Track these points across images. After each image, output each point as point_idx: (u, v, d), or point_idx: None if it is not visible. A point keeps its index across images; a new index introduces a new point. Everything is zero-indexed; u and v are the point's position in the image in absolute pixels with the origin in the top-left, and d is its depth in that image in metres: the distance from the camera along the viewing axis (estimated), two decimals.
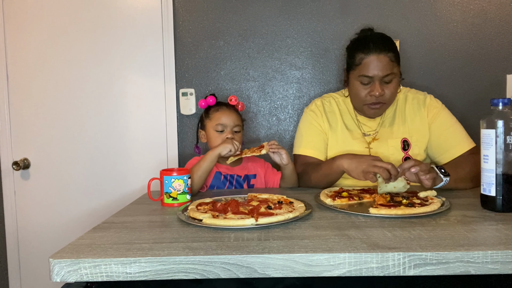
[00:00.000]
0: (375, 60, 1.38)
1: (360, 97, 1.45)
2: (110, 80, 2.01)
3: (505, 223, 0.92)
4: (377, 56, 1.38)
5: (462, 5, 1.97)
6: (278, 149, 1.42)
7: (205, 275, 0.75)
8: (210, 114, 1.58)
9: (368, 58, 1.39)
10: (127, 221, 1.03)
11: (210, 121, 1.56)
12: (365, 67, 1.40)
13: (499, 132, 1.00)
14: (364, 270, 0.74)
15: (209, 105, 1.60)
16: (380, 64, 1.38)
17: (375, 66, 1.38)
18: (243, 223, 0.93)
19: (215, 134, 1.54)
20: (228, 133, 1.52)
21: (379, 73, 1.39)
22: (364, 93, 1.44)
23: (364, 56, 1.40)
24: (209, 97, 1.60)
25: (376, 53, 1.39)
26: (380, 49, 1.39)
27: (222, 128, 1.53)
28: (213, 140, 1.54)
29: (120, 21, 2.00)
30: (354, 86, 1.47)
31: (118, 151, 2.03)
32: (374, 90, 1.40)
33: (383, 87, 1.41)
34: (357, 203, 1.15)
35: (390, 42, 1.44)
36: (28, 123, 2.02)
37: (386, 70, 1.39)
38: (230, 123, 1.53)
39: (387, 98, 1.44)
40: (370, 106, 1.45)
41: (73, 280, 0.75)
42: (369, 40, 1.43)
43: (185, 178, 1.21)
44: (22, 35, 2.00)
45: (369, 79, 1.41)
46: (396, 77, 1.43)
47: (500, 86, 1.97)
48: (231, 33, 2.01)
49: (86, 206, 2.03)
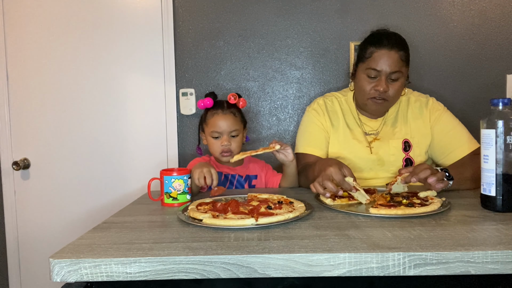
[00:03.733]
0: (385, 55, 1.39)
1: (365, 90, 1.45)
2: (110, 80, 2.01)
3: (505, 223, 0.92)
4: (388, 52, 1.39)
5: (462, 5, 1.97)
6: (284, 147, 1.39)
7: (205, 275, 0.75)
8: (207, 119, 1.54)
9: (379, 52, 1.40)
10: (127, 221, 1.03)
11: (207, 126, 1.54)
12: (374, 60, 1.41)
13: (499, 132, 1.00)
14: (364, 270, 0.74)
15: (207, 107, 1.55)
16: (390, 60, 1.39)
17: (384, 61, 1.39)
18: (243, 223, 0.93)
19: (211, 140, 1.52)
20: (224, 140, 1.49)
21: (387, 69, 1.39)
22: (369, 87, 1.44)
23: (375, 49, 1.41)
24: (206, 98, 1.54)
25: (388, 48, 1.39)
26: (392, 45, 1.40)
27: (217, 134, 1.50)
28: (210, 146, 1.53)
29: (120, 21, 2.00)
30: (360, 79, 1.47)
31: (118, 151, 2.03)
32: (379, 85, 1.41)
33: (389, 84, 1.41)
34: (357, 203, 1.15)
35: (404, 42, 1.45)
36: (28, 123, 2.02)
37: (394, 67, 1.39)
38: (226, 128, 1.49)
39: (391, 96, 1.44)
40: (373, 100, 1.45)
41: (73, 280, 0.75)
42: (383, 35, 1.44)
43: (185, 178, 1.21)
44: (22, 35, 2.00)
45: (376, 73, 1.41)
46: (402, 77, 1.43)
47: (500, 86, 1.97)
48: (231, 33, 2.01)
49: (86, 206, 2.03)
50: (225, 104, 1.54)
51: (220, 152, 1.50)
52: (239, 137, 1.53)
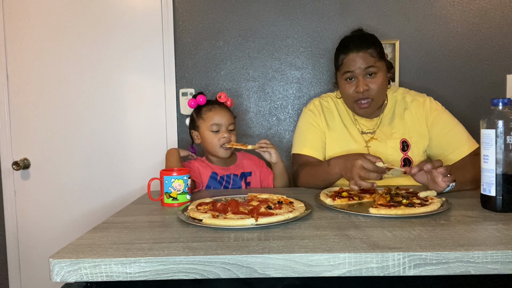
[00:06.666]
0: (355, 57, 1.43)
1: (348, 95, 1.48)
2: (110, 80, 2.02)
3: (505, 223, 0.92)
4: (357, 54, 1.43)
5: (462, 5, 1.97)
6: (267, 147, 1.48)
7: (205, 275, 0.75)
8: (202, 114, 1.54)
9: (348, 57, 1.45)
10: (127, 221, 1.03)
11: (204, 121, 1.54)
12: (346, 65, 1.45)
13: (499, 132, 1.00)
14: (364, 270, 0.74)
15: (199, 104, 1.56)
16: (360, 60, 1.43)
17: (355, 62, 1.43)
18: (243, 223, 0.93)
19: (210, 134, 1.52)
20: (224, 132, 1.51)
21: (360, 67, 1.42)
22: (351, 90, 1.46)
23: (344, 56, 1.46)
24: (199, 96, 1.56)
25: (355, 51, 1.43)
26: (358, 47, 1.43)
27: (217, 128, 1.52)
28: (209, 140, 1.53)
29: (120, 21, 2.00)
30: (341, 85, 1.50)
31: (118, 151, 2.04)
32: (358, 85, 1.43)
33: (367, 82, 1.43)
34: (357, 203, 1.15)
35: (372, 39, 1.48)
36: (28, 123, 2.02)
37: (365, 63, 1.42)
38: (225, 122, 1.52)
39: (373, 94, 1.44)
40: (358, 103, 1.47)
41: (73, 280, 0.75)
42: (349, 41, 1.48)
43: (185, 178, 1.21)
44: (22, 35, 2.00)
45: (351, 74, 1.44)
46: (380, 71, 1.45)
47: (500, 86, 1.97)
48: (231, 33, 2.01)
49: (86, 206, 2.03)
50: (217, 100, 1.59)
51: (221, 144, 1.51)
52: (235, 132, 1.57)
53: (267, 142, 1.50)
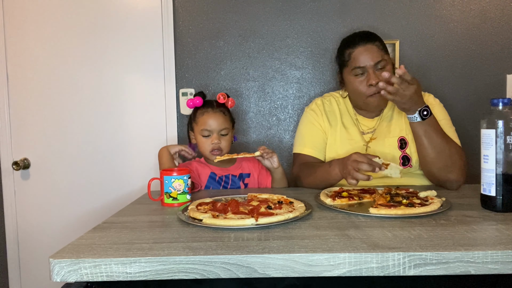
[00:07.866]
0: (363, 51, 1.43)
1: (360, 91, 1.46)
2: (110, 80, 2.02)
3: (505, 223, 0.92)
4: (364, 47, 1.43)
5: (462, 5, 1.97)
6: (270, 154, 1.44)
7: (205, 275, 0.75)
8: (196, 117, 1.53)
9: (356, 50, 1.44)
10: (127, 221, 1.03)
11: (196, 125, 1.53)
12: (355, 59, 1.44)
13: (499, 132, 1.00)
14: (364, 270, 0.74)
15: (196, 106, 1.54)
16: (369, 53, 1.42)
17: (364, 55, 1.43)
18: (243, 223, 0.93)
19: (201, 139, 1.51)
20: (214, 138, 1.49)
21: (370, 62, 1.42)
22: (362, 86, 1.45)
23: (352, 50, 1.46)
24: (196, 97, 1.54)
25: (363, 44, 1.44)
26: (365, 40, 1.44)
27: (208, 133, 1.50)
28: (200, 144, 1.52)
29: (120, 21, 2.00)
30: (350, 82, 1.49)
31: (118, 151, 2.04)
32: (370, 79, 1.42)
33: (378, 74, 1.41)
34: (357, 203, 1.15)
35: (375, 34, 1.50)
36: (28, 123, 2.02)
37: (376, 57, 1.42)
38: (216, 127, 1.49)
39: None
40: (372, 96, 1.45)
41: (73, 280, 0.75)
42: (354, 35, 1.50)
43: (185, 178, 1.21)
44: (22, 35, 2.00)
45: (362, 70, 1.44)
46: (389, 64, 1.46)
47: (500, 86, 1.97)
48: (231, 33, 2.01)
49: (86, 206, 2.03)
50: (214, 103, 1.55)
51: (210, 150, 1.50)
52: (228, 136, 1.54)
53: (265, 149, 1.43)
